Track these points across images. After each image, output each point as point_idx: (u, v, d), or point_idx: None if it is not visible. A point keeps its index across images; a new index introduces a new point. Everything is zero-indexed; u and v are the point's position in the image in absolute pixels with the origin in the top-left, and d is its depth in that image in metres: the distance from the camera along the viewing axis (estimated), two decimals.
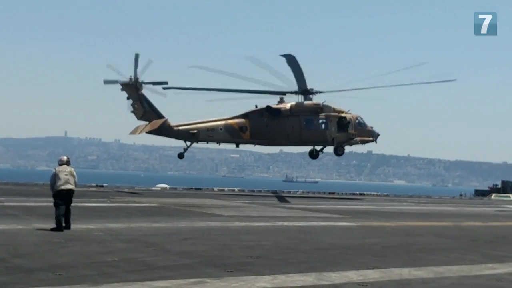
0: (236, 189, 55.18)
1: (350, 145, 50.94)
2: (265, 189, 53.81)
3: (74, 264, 12.15)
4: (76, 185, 18.61)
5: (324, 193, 56.59)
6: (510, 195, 77.60)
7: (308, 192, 56.45)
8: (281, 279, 11.32)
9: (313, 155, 51.76)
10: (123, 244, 15.19)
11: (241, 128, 47.51)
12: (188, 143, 47.77)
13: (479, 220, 29.16)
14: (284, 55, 46.42)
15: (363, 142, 51.14)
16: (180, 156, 48.15)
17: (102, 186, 49.79)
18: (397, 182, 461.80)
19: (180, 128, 46.71)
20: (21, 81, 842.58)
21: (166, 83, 46.40)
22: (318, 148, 51.20)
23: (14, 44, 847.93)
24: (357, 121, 49.72)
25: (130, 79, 45.55)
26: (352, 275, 11.96)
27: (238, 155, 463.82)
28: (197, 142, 48.32)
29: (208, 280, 10.93)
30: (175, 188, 54.92)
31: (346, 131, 48.87)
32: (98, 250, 14.08)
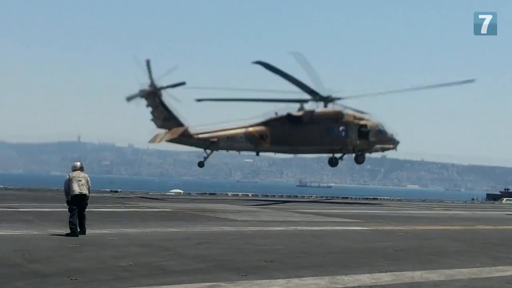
0: (250, 194, 55.35)
1: (371, 152, 50.76)
2: (279, 194, 53.91)
3: (89, 268, 12.31)
4: (90, 191, 18.79)
5: (338, 197, 56.73)
6: None
7: (322, 197, 56.57)
8: (294, 282, 11.47)
9: (333, 163, 51.55)
10: (137, 249, 15.38)
11: (261, 136, 47.28)
12: (208, 151, 47.47)
13: (490, 224, 29.19)
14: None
15: (384, 149, 51.13)
16: (200, 164, 47.81)
17: (117, 192, 50.10)
18: (410, 186, 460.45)
19: (200, 136, 46.50)
20: (34, 86, 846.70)
21: (184, 83, 46.21)
22: (337, 155, 50.98)
23: (28, 49, 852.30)
24: (377, 128, 49.43)
25: (149, 86, 45.51)
26: (365, 278, 12.10)
27: (252, 160, 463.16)
28: (217, 151, 48.06)
29: (222, 284, 11.08)
30: (189, 193, 55.14)
31: (366, 138, 48.76)
32: (113, 254, 14.27)
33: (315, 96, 48.29)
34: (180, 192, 57.66)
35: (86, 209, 18.52)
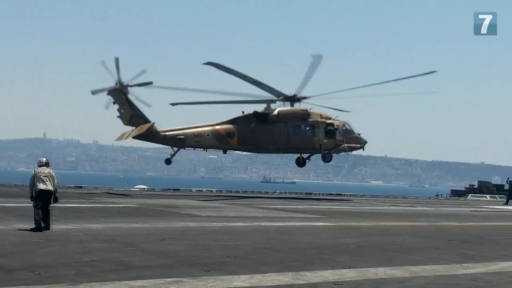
0: (214, 190, 55.24)
1: (338, 152, 50.81)
2: (243, 190, 53.91)
3: (53, 263, 12.20)
4: (56, 187, 18.66)
5: (302, 193, 56.84)
6: (487, 195, 78.34)
7: (286, 193, 56.67)
8: (257, 278, 11.44)
9: (300, 163, 51.78)
10: (101, 244, 15.24)
11: (228, 134, 47.09)
12: (175, 148, 47.30)
13: (455, 220, 29.46)
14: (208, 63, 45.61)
15: (351, 149, 51.11)
16: (167, 162, 47.54)
17: (81, 187, 49.67)
18: (374, 182, 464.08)
19: (167, 133, 46.29)
20: None
21: (151, 83, 45.94)
22: (305, 155, 51.20)
23: None
24: (344, 128, 49.54)
25: (116, 83, 45.28)
26: (328, 275, 12.11)
27: (216, 156, 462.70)
28: (184, 148, 47.86)
29: (185, 279, 11.02)
30: (153, 189, 54.86)
31: (333, 137, 48.74)
32: (77, 250, 14.14)
33: (279, 95, 48.31)
34: (144, 188, 57.32)
35: (51, 205, 18.37)
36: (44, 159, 18.98)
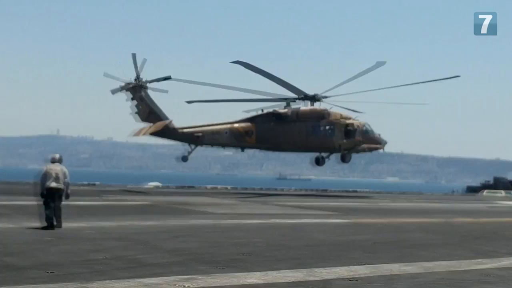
0: (229, 187, 55.24)
1: (357, 152, 50.52)
2: (258, 187, 53.88)
3: (65, 262, 12.18)
4: (68, 184, 18.57)
5: (317, 190, 56.74)
6: (502, 191, 77.92)
7: (301, 190, 56.59)
8: (272, 275, 11.39)
9: (319, 162, 51.49)
10: (114, 242, 15.24)
11: (246, 133, 46.90)
12: (193, 146, 47.16)
13: (470, 216, 29.31)
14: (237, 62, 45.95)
15: (370, 149, 51.03)
16: (184, 159, 47.26)
17: (94, 185, 49.80)
18: (390, 179, 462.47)
19: (185, 130, 46.08)
20: (12, 79, 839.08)
21: (169, 77, 45.73)
22: (324, 155, 50.78)
23: (5, 42, 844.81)
24: (364, 128, 49.27)
25: (135, 79, 45.17)
26: (342, 271, 12.05)
27: (231, 153, 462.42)
28: (201, 145, 47.70)
29: (199, 277, 10.99)
30: (168, 186, 54.94)
31: (353, 138, 48.47)
32: (89, 248, 14.13)
33: (300, 94, 48.27)
34: (159, 185, 57.43)
35: (62, 202, 18.35)
36: (57, 155, 18.85)
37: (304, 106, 49.10)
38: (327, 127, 48.51)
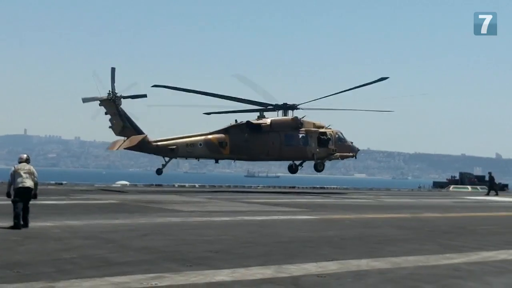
0: (197, 185, 55.09)
1: (330, 160, 51.16)
2: (227, 185, 53.83)
3: (32, 261, 12.06)
4: (36, 184, 18.46)
5: (285, 187, 56.82)
6: (468, 186, 78.81)
7: (269, 187, 56.62)
8: (240, 272, 11.38)
9: (293, 169, 52.15)
10: (81, 241, 15.11)
11: (220, 144, 47.00)
12: (167, 158, 47.10)
13: (437, 212, 29.57)
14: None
15: (343, 157, 51.77)
16: (159, 172, 46.78)
17: (62, 184, 49.33)
18: (357, 175, 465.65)
19: (159, 143, 46.07)
20: None
21: (145, 96, 45.61)
22: (297, 162, 51.61)
23: None
24: (337, 136, 50.04)
25: (109, 93, 44.87)
26: (311, 267, 12.07)
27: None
28: (176, 158, 47.69)
29: (167, 275, 10.93)
30: (136, 185, 54.62)
31: (326, 146, 49.20)
32: (56, 247, 13.98)
33: (273, 104, 49.05)
34: (126, 184, 57.05)
35: (30, 202, 18.17)
36: (25, 155, 18.87)
37: (277, 116, 49.71)
38: (301, 136, 49.09)
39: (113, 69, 44.46)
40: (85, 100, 45.47)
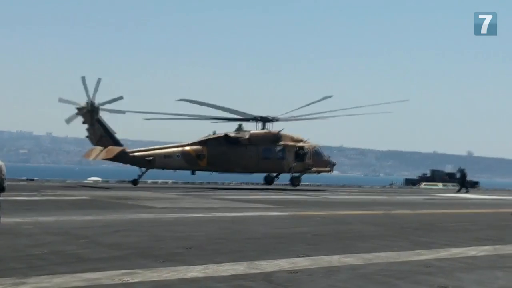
0: (170, 181, 54.92)
1: (305, 173, 51.81)
2: (199, 181, 53.71)
3: (2, 257, 11.94)
4: (4, 178, 18.22)
5: (258, 184, 56.86)
6: (439, 183, 79.50)
7: (242, 183, 56.61)
8: (212, 268, 11.38)
9: (268, 181, 52.81)
10: (53, 237, 15.00)
11: (198, 156, 47.45)
12: (143, 169, 47.04)
13: (408, 208, 29.79)
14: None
15: (319, 172, 52.54)
16: (134, 183, 46.74)
17: (33, 180, 48.93)
18: None
19: (136, 154, 46.31)
20: None
21: (121, 98, 45.52)
22: (273, 174, 52.51)
23: None
24: (314, 150, 50.86)
25: (87, 103, 44.70)
26: (283, 263, 12.11)
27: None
28: (153, 169, 47.69)
29: (139, 271, 10.90)
30: (108, 181, 54.34)
31: (303, 161, 49.97)
32: (27, 243, 13.88)
33: (251, 117, 49.78)
34: (99, 180, 56.71)
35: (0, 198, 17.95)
36: None
37: (255, 130, 50.26)
38: (278, 150, 49.82)
39: (83, 78, 44.46)
40: (68, 120, 45.53)
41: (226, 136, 48.50)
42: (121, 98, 45.42)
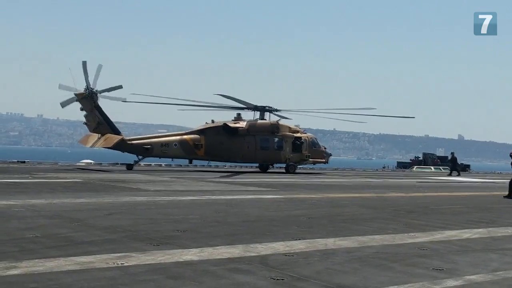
0: (163, 164, 54.84)
1: (302, 164, 52.10)
2: (193, 164, 53.65)
3: None
4: None
5: (252, 167, 56.83)
6: (431, 166, 79.78)
7: (236, 166, 56.61)
8: (208, 251, 11.28)
9: (263, 168, 52.87)
10: (45, 220, 14.85)
11: (196, 145, 47.48)
12: (140, 156, 46.97)
13: (401, 191, 29.80)
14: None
15: (315, 163, 52.98)
16: (129, 167, 46.64)
17: (24, 162, 48.75)
18: None
19: (134, 142, 46.30)
20: None
21: (120, 87, 45.35)
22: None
23: None
24: (311, 141, 51.37)
25: (85, 89, 44.40)
26: (279, 246, 12.02)
27: (166, 130, 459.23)
28: (150, 157, 47.86)
29: (133, 254, 10.78)
30: (100, 164, 54.19)
31: (300, 151, 50.23)
32: (19, 226, 13.71)
33: (251, 106, 50.41)
34: (91, 163, 56.57)
35: None
36: None
37: (254, 119, 50.63)
38: (276, 140, 50.21)
39: (84, 63, 44.10)
40: (63, 104, 45.12)
41: (224, 125, 48.57)
42: (120, 87, 45.30)
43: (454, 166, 59.08)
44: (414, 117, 61.16)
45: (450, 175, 55.83)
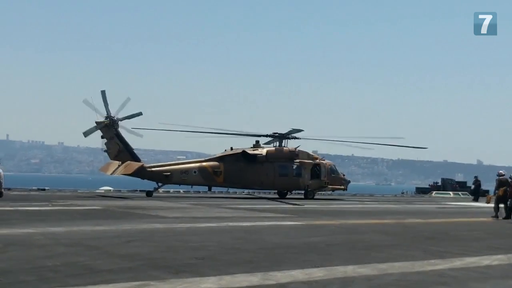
0: (181, 191, 54.90)
1: (321, 190, 52.37)
2: (212, 190, 53.68)
3: (13, 269, 11.83)
4: (1, 184, 18.25)
5: (270, 193, 56.73)
6: (450, 192, 79.17)
7: (254, 193, 56.56)
8: (226, 279, 11.26)
9: (282, 194, 52.69)
10: (64, 248, 14.90)
11: (215, 172, 47.54)
12: (160, 183, 47.16)
13: (420, 217, 29.61)
14: None
15: (334, 189, 52.96)
16: (149, 194, 46.67)
17: (44, 190, 49.00)
18: None
19: (154, 169, 46.39)
20: None
21: (140, 114, 45.52)
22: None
23: None
24: (329, 168, 51.25)
25: (106, 118, 44.70)
26: (298, 274, 11.98)
27: (184, 157, 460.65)
28: (170, 184, 48.02)
29: (152, 283, 10.79)
30: (119, 191, 54.34)
31: (319, 178, 50.24)
32: (39, 254, 13.76)
33: (269, 134, 50.87)
34: (110, 190, 56.75)
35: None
36: None
37: (273, 146, 50.84)
38: (295, 167, 50.05)
39: (103, 92, 44.30)
40: (86, 133, 45.33)
41: (244, 152, 48.61)
42: (140, 114, 45.46)
43: (477, 190, 58.09)
44: (427, 148, 60.92)
45: (476, 200, 54.65)
